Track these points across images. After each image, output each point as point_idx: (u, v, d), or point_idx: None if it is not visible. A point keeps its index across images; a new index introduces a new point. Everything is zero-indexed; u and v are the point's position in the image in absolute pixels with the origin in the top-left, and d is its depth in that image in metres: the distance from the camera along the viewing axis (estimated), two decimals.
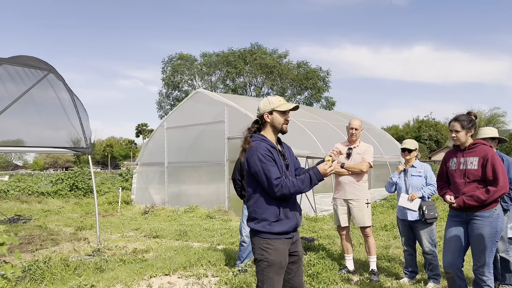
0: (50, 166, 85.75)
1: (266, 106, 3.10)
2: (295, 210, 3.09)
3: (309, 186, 2.95)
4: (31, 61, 7.11)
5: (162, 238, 8.44)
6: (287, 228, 2.99)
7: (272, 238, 2.97)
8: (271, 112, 3.09)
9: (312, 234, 8.24)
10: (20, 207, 14.96)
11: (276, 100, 3.10)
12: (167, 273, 5.60)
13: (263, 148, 2.97)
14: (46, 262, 5.65)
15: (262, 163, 2.92)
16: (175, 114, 14.09)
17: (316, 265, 5.45)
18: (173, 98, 39.37)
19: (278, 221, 2.97)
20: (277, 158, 3.00)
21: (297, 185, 2.92)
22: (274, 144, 3.10)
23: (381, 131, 18.37)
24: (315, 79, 36.65)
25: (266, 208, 2.99)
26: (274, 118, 3.10)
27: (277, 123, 3.10)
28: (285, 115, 3.12)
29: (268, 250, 2.98)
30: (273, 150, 3.02)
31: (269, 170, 2.91)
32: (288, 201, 3.03)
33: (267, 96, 3.05)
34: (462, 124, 3.87)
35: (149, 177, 14.77)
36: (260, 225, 2.99)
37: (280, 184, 2.89)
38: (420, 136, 57.44)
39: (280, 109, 3.08)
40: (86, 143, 7.51)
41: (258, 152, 2.95)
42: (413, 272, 5.14)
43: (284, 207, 3.00)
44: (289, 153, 3.23)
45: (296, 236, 3.15)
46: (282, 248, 3.00)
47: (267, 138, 3.09)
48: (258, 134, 3.12)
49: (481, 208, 3.79)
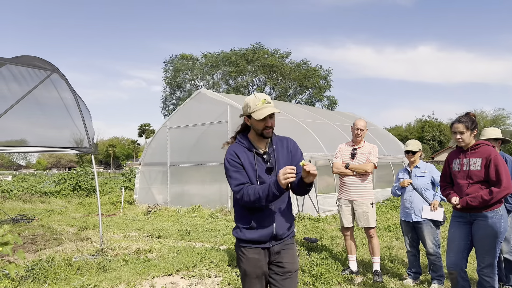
0: (53, 166, 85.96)
1: (244, 109, 2.78)
2: (272, 220, 2.76)
3: (268, 195, 2.55)
4: (34, 61, 7.11)
5: (164, 238, 8.45)
6: (258, 236, 2.74)
7: (245, 247, 2.79)
8: (249, 116, 2.75)
9: (315, 234, 8.23)
10: (23, 206, 14.99)
11: (253, 103, 2.71)
12: (170, 273, 5.60)
13: (230, 153, 2.77)
14: (49, 262, 5.67)
15: (226, 169, 2.75)
16: (178, 114, 14.10)
17: (319, 266, 5.45)
18: (176, 98, 39.47)
19: (250, 228, 2.74)
20: (248, 163, 2.73)
21: (257, 193, 2.59)
22: (252, 146, 2.80)
23: (384, 132, 18.33)
24: (316, 78, 36.66)
25: (241, 214, 2.80)
26: (252, 123, 2.76)
27: (255, 128, 2.76)
28: (264, 121, 2.71)
29: (241, 259, 2.82)
30: (247, 153, 2.77)
31: (230, 176, 2.73)
32: (264, 210, 2.74)
33: (253, 93, 2.81)
34: (466, 125, 3.85)
35: (152, 177, 14.78)
36: (235, 231, 2.84)
37: (241, 191, 2.65)
38: (423, 136, 57.36)
39: (255, 117, 2.69)
40: (89, 143, 7.51)
41: (225, 157, 2.77)
42: (416, 273, 5.12)
43: (258, 216, 2.74)
44: (286, 150, 2.85)
45: (280, 247, 2.81)
46: (256, 258, 2.77)
47: (245, 140, 2.82)
48: (240, 136, 2.88)
49: (485, 208, 3.78)
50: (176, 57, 38.82)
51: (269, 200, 2.58)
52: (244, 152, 2.77)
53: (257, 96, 2.73)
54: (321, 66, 37.88)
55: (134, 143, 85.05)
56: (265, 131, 2.74)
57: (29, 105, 6.88)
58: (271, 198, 2.57)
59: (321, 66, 37.81)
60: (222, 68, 37.99)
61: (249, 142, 2.81)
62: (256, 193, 2.58)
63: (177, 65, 38.01)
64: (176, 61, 38.61)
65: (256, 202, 2.61)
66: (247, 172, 2.72)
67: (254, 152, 2.78)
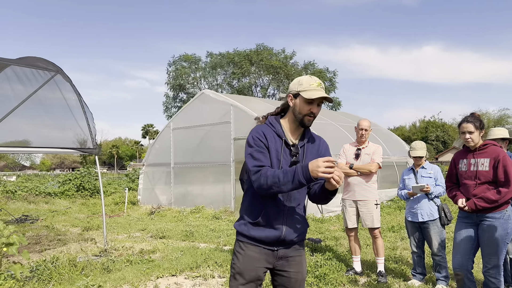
0: (57, 167, 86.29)
1: (294, 85, 2.45)
2: (284, 221, 2.44)
3: (291, 182, 2.18)
4: (38, 62, 7.13)
5: (168, 238, 8.45)
6: (264, 235, 2.41)
7: (245, 242, 2.45)
8: (296, 96, 2.42)
9: (319, 235, 8.21)
10: (27, 207, 15.04)
11: (307, 82, 2.40)
12: (174, 274, 5.59)
13: (257, 131, 2.42)
14: (53, 262, 5.68)
15: (248, 146, 2.40)
16: (181, 115, 14.11)
17: (323, 266, 5.43)
18: (179, 100, 39.53)
19: (256, 224, 2.42)
20: (274, 149, 2.39)
21: (276, 176, 2.21)
22: (283, 133, 2.45)
23: (388, 132, 18.28)
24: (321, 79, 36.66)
25: (249, 205, 2.48)
26: (297, 104, 2.42)
27: (298, 111, 2.42)
28: (311, 105, 2.39)
29: (237, 254, 2.47)
30: (276, 139, 2.42)
31: (252, 155, 2.36)
32: (277, 206, 2.41)
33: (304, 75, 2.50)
34: (475, 125, 3.82)
35: (156, 177, 14.80)
36: (238, 223, 2.52)
37: (260, 172, 2.29)
38: (427, 137, 57.18)
39: (305, 96, 2.36)
40: (93, 144, 7.52)
41: (251, 134, 2.43)
42: (421, 274, 5.09)
43: (269, 211, 2.41)
44: (316, 151, 2.55)
45: (286, 252, 2.49)
46: (256, 257, 2.43)
47: (276, 124, 2.48)
48: (274, 117, 2.54)
49: (492, 209, 3.75)
50: (178, 58, 38.86)
51: (288, 187, 2.21)
52: (272, 136, 2.42)
53: (312, 77, 2.43)
54: (328, 68, 37.94)
55: (138, 144, 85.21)
56: (306, 118, 2.41)
57: (33, 105, 6.90)
58: (292, 185, 2.20)
59: (328, 69, 37.84)
60: (225, 69, 38.01)
61: (280, 127, 2.47)
62: (275, 176, 2.21)
63: (180, 68, 38.04)
64: (178, 63, 38.65)
65: (272, 187, 2.23)
66: (270, 158, 2.38)
67: (283, 140, 2.43)
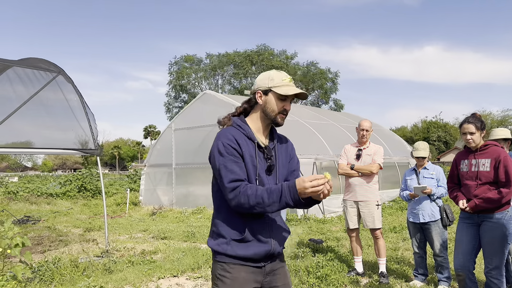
0: (58, 168, 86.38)
1: (263, 81, 2.21)
2: (270, 234, 2.20)
3: (277, 203, 1.98)
4: (40, 63, 7.15)
5: (170, 239, 8.45)
6: (252, 253, 2.14)
7: (229, 263, 2.16)
8: (266, 92, 2.20)
9: (320, 236, 8.20)
10: (29, 208, 15.06)
11: (278, 77, 2.19)
12: (176, 275, 5.60)
13: (227, 137, 2.14)
14: (55, 263, 5.69)
15: (220, 156, 2.12)
16: (183, 116, 14.13)
17: (324, 267, 5.42)
18: (181, 101, 39.60)
19: (242, 241, 2.14)
20: (248, 155, 2.14)
21: (260, 196, 1.99)
22: (254, 135, 2.21)
23: (389, 132, 18.27)
24: (323, 80, 36.68)
25: (227, 220, 2.18)
26: (268, 101, 2.19)
27: (270, 109, 2.20)
28: (285, 101, 2.20)
29: (223, 279, 2.16)
30: (248, 143, 2.17)
31: (225, 167, 2.09)
32: (261, 218, 2.17)
33: (272, 70, 2.28)
34: (476, 126, 3.82)
35: (157, 178, 14.81)
36: (216, 242, 2.19)
37: (238, 189, 2.04)
38: (429, 137, 57.10)
39: (279, 92, 2.15)
40: (95, 145, 7.53)
41: (220, 140, 2.15)
42: (423, 275, 5.09)
43: (254, 225, 2.15)
44: (285, 152, 2.35)
45: (272, 266, 2.26)
46: (245, 278, 2.16)
47: (246, 125, 2.22)
48: (238, 118, 2.27)
49: (493, 210, 3.75)
50: (180, 58, 38.94)
51: (274, 209, 2.01)
52: (244, 140, 2.16)
53: (282, 72, 2.23)
54: (329, 69, 37.94)
55: (139, 145, 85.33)
56: (279, 116, 2.21)
57: (34, 106, 6.91)
58: (278, 206, 2.00)
59: (329, 69, 37.84)
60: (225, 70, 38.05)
61: (250, 129, 2.23)
62: (259, 196, 1.99)
63: (181, 69, 38.12)
64: (179, 63, 38.74)
65: (255, 208, 2.02)
66: (245, 166, 2.14)
67: (255, 143, 2.19)
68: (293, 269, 5.46)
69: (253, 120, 2.26)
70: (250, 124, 2.25)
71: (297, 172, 2.38)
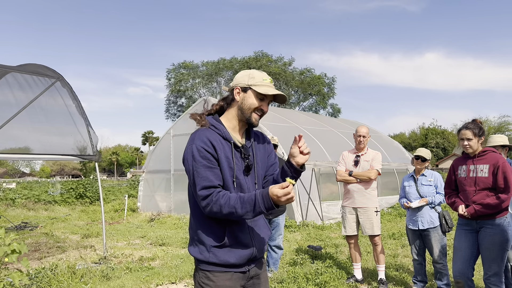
0: (57, 174, 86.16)
1: (243, 78, 2.17)
2: (252, 236, 2.16)
3: (251, 213, 1.96)
4: (39, 69, 7.16)
5: (168, 246, 8.42)
6: (235, 258, 2.10)
7: (213, 271, 2.10)
8: (245, 89, 2.15)
9: (319, 242, 8.18)
10: (27, 214, 15.00)
11: (259, 76, 2.16)
12: (174, 281, 5.57)
13: (201, 140, 2.06)
14: (52, 269, 5.65)
15: (194, 161, 2.05)
16: (182, 122, 14.13)
17: (323, 274, 5.41)
18: (179, 106, 39.71)
19: (222, 246, 2.09)
20: (224, 157, 2.08)
21: (232, 207, 1.96)
22: (230, 135, 2.15)
23: (388, 139, 18.30)
24: (320, 85, 36.86)
25: (204, 225, 2.12)
26: (246, 99, 2.14)
27: (246, 106, 2.14)
28: (263, 101, 2.15)
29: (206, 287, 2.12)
30: (224, 144, 2.11)
31: (197, 173, 2.03)
32: (239, 222, 2.13)
33: (253, 69, 2.27)
34: (473, 132, 3.83)
35: (155, 184, 14.78)
36: (197, 250, 2.13)
37: (210, 197, 2.00)
38: (427, 143, 57.20)
39: (258, 90, 2.11)
40: (93, 151, 7.52)
41: (193, 144, 2.08)
42: (422, 282, 5.07)
43: (234, 228, 2.10)
44: (263, 149, 2.30)
45: (256, 270, 2.23)
46: (228, 285, 2.11)
47: (221, 125, 2.16)
48: (213, 117, 2.20)
49: (492, 216, 3.75)
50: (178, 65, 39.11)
51: (249, 217, 1.99)
52: (219, 142, 2.10)
53: (263, 72, 2.21)
54: (326, 74, 38.16)
55: (138, 151, 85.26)
56: (254, 115, 2.15)
57: (33, 112, 6.91)
58: (253, 215, 1.98)
59: (326, 74, 38.06)
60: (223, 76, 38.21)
61: (224, 128, 2.16)
62: (231, 206, 1.96)
63: (179, 74, 38.27)
64: (177, 69, 38.91)
65: (228, 217, 2.01)
66: (221, 169, 2.08)
67: (232, 144, 2.14)
68: (292, 275, 5.44)
69: (228, 118, 2.20)
70: (225, 123, 2.19)
71: (277, 165, 2.35)
